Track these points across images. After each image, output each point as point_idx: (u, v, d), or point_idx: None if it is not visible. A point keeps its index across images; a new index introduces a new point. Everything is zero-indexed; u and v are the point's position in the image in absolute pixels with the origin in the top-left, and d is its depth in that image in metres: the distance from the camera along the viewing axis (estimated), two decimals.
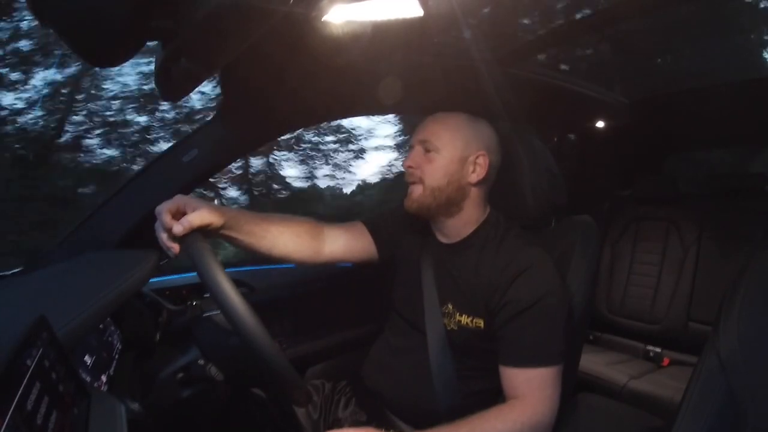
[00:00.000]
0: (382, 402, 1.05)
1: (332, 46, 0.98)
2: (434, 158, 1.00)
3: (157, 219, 0.84)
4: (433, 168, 0.99)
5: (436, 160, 0.99)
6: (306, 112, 1.43)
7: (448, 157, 0.99)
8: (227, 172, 4.93)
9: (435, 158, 1.00)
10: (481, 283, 0.95)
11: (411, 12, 0.93)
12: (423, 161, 1.01)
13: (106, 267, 0.97)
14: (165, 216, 0.82)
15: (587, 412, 1.09)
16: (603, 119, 2.26)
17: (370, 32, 0.98)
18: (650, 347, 2.10)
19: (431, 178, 0.99)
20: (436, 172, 0.99)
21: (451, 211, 1.02)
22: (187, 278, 1.46)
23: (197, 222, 0.81)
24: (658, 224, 2.21)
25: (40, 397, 0.47)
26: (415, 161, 1.01)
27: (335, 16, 0.87)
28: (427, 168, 1.00)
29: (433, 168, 0.99)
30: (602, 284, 2.26)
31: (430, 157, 1.00)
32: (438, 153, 0.99)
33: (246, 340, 0.76)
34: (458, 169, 1.00)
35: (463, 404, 0.94)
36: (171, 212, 0.83)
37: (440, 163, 0.99)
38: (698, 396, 0.64)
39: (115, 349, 0.96)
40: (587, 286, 1.05)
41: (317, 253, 1.05)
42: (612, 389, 1.82)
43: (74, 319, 0.67)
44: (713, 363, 0.63)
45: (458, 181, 1.00)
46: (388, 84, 1.34)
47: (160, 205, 0.84)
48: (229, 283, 0.76)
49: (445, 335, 0.99)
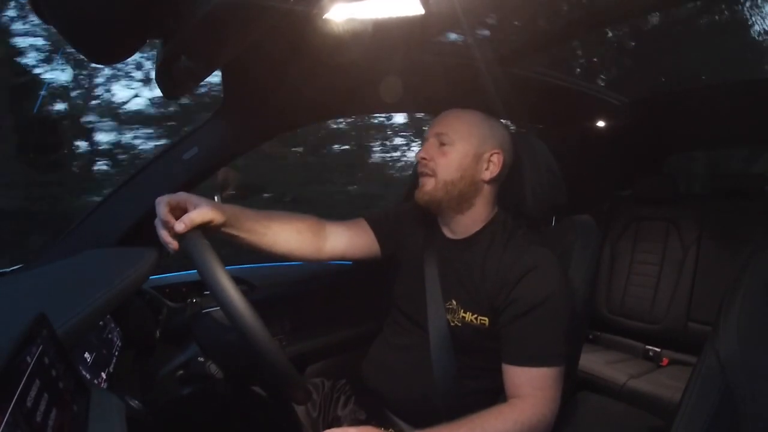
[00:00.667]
0: (382, 400, 1.05)
1: (333, 44, 0.98)
2: (449, 151, 1.00)
3: (156, 212, 0.83)
4: (447, 161, 0.99)
5: (450, 154, 0.99)
6: (307, 110, 1.43)
7: (463, 151, 0.99)
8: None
9: (449, 151, 1.00)
10: (488, 281, 0.95)
11: (412, 10, 0.93)
12: (437, 154, 1.00)
13: (106, 264, 0.97)
14: (163, 208, 0.82)
15: (587, 412, 1.10)
16: (603, 119, 2.26)
17: (371, 30, 0.98)
18: (650, 347, 2.11)
19: (445, 171, 0.99)
20: (450, 165, 0.99)
21: (462, 207, 1.02)
22: (187, 276, 1.46)
23: (198, 220, 0.81)
24: (658, 224, 2.21)
25: (40, 394, 0.47)
26: (429, 153, 1.01)
27: (336, 14, 0.87)
28: (441, 161, 1.00)
29: (448, 161, 0.99)
30: (602, 284, 2.27)
31: (445, 150, 1.00)
32: (453, 146, 0.99)
33: (246, 337, 0.76)
34: (472, 165, 1.00)
35: (463, 403, 0.94)
36: (170, 206, 0.83)
37: (454, 156, 0.99)
38: (697, 395, 0.64)
39: (115, 346, 0.96)
40: (587, 285, 1.05)
41: (319, 250, 1.05)
42: (611, 389, 1.82)
43: (74, 316, 0.67)
44: (712, 363, 0.64)
45: (471, 176, 1.00)
46: (389, 82, 1.34)
47: (160, 198, 0.84)
48: (229, 281, 0.76)
49: (447, 331, 0.98)
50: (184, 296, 1.40)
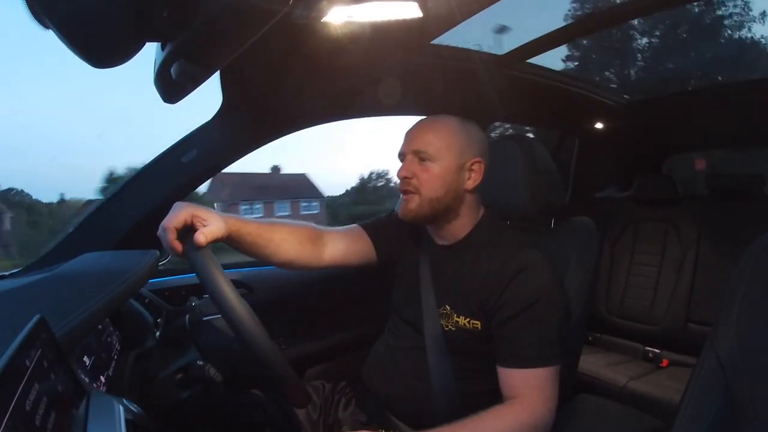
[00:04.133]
0: (382, 402, 1.05)
1: (331, 47, 0.98)
2: (430, 167, 0.97)
3: (161, 234, 0.86)
4: (430, 178, 0.97)
5: (432, 170, 0.97)
6: (306, 113, 1.43)
7: (446, 166, 0.97)
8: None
9: (431, 168, 0.97)
10: (478, 285, 0.95)
11: (410, 13, 0.93)
12: (419, 170, 0.98)
13: (105, 268, 0.97)
14: (170, 236, 0.85)
15: (586, 413, 1.09)
16: (602, 120, 2.27)
17: (369, 33, 0.98)
18: (649, 348, 2.11)
19: (429, 188, 0.97)
20: (434, 182, 0.97)
21: (449, 217, 1.02)
22: (185, 279, 1.46)
23: (209, 240, 0.85)
24: (657, 225, 2.21)
25: (39, 397, 0.47)
26: (411, 171, 0.98)
27: (335, 17, 0.88)
28: (424, 178, 0.97)
29: (431, 178, 0.97)
30: (601, 285, 2.27)
31: (427, 166, 0.98)
32: (434, 162, 0.97)
33: (246, 341, 0.76)
34: (455, 178, 0.98)
35: (462, 405, 0.94)
36: (177, 229, 0.85)
37: (437, 173, 0.97)
38: (697, 397, 0.64)
39: (114, 349, 0.96)
40: (586, 287, 1.05)
41: (318, 259, 1.05)
42: (611, 390, 1.82)
43: (73, 319, 0.67)
44: (712, 364, 0.63)
45: (455, 189, 0.99)
46: (388, 85, 1.34)
47: (166, 220, 0.86)
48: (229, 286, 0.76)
49: (442, 336, 0.99)
50: (183, 299, 1.39)
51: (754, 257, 0.67)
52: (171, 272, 1.48)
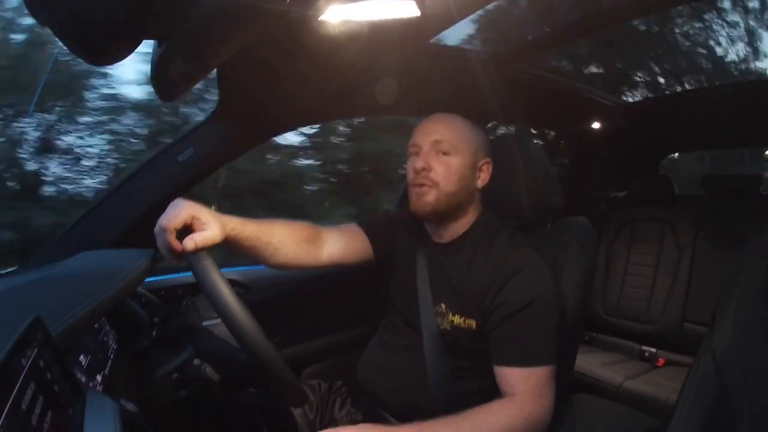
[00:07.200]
0: (378, 401, 1.05)
1: (329, 46, 0.98)
2: (449, 161, 0.96)
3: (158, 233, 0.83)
4: (449, 171, 0.96)
5: (451, 164, 0.96)
6: (302, 112, 1.43)
7: (464, 162, 0.97)
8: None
9: (450, 161, 0.96)
10: (474, 284, 0.95)
11: (407, 12, 0.93)
12: (437, 163, 0.96)
13: (101, 267, 0.96)
14: (170, 236, 0.81)
15: (583, 413, 1.09)
16: (599, 121, 2.27)
17: (366, 32, 0.98)
18: (646, 348, 2.11)
19: (447, 182, 0.96)
20: (453, 176, 0.96)
21: (457, 215, 1.01)
22: (182, 278, 1.45)
23: (207, 244, 0.81)
24: (653, 225, 2.22)
25: (35, 397, 0.47)
26: (429, 163, 0.96)
27: (332, 16, 0.87)
28: (442, 171, 0.96)
29: (450, 171, 0.96)
30: (598, 285, 2.27)
31: (446, 160, 0.96)
32: (453, 156, 0.96)
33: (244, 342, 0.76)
34: (470, 174, 0.99)
35: (459, 403, 0.93)
36: (177, 229, 0.82)
37: (455, 167, 0.96)
38: (693, 396, 0.64)
39: (111, 349, 0.95)
40: (583, 287, 1.05)
41: (316, 259, 1.04)
42: (607, 389, 1.82)
43: (69, 319, 0.67)
44: (708, 363, 0.64)
45: (468, 186, 0.99)
46: (385, 84, 1.34)
47: (165, 219, 0.82)
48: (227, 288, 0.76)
49: (438, 335, 0.99)
50: (179, 298, 1.39)
51: (749, 257, 0.67)
52: (166, 270, 1.48)
